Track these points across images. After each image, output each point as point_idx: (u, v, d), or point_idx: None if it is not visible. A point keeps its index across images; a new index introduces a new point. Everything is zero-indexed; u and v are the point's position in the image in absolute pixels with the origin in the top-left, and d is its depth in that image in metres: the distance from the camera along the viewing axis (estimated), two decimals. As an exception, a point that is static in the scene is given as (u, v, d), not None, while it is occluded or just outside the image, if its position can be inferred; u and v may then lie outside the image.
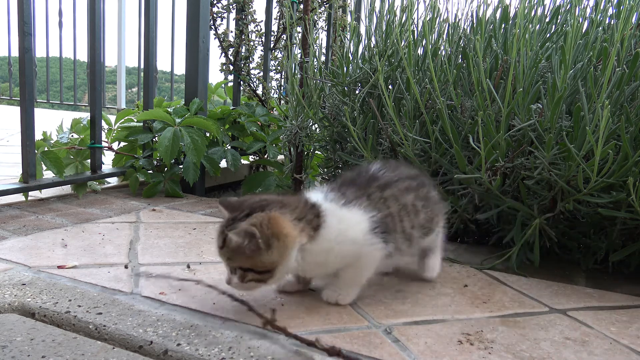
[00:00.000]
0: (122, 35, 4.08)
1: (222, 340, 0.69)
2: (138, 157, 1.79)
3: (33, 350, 0.64)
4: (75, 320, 0.73)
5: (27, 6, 1.37)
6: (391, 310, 0.84)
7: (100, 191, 1.71)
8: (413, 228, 0.87)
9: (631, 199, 0.95)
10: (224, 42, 2.17)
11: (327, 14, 2.32)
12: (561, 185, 1.04)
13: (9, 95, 4.97)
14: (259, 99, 2.27)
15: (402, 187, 0.88)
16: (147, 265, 0.99)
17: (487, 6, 1.39)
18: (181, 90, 1.98)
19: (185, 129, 1.69)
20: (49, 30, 4.17)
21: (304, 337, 0.69)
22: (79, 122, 1.74)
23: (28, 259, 0.98)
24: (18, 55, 1.38)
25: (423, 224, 0.90)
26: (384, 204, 0.84)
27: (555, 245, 1.16)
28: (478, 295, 0.95)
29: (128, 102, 4.24)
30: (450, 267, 1.12)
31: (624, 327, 0.84)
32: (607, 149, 0.94)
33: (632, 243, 1.08)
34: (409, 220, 0.87)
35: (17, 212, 1.37)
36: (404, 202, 0.87)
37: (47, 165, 1.48)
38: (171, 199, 1.69)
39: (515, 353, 0.71)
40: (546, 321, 0.84)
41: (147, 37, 1.80)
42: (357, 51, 1.51)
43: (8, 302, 0.77)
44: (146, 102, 1.85)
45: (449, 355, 0.69)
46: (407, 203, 0.87)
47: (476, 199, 1.18)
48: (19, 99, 1.40)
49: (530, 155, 1.12)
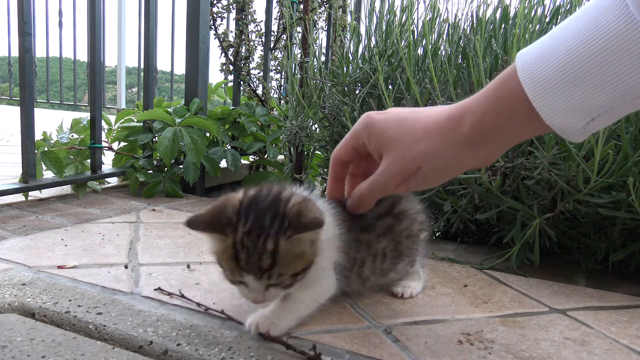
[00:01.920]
0: (122, 35, 4.08)
1: (222, 341, 0.69)
2: (138, 157, 1.79)
3: (33, 350, 0.64)
4: (75, 320, 0.73)
5: (27, 6, 1.37)
6: (391, 310, 0.84)
7: (100, 191, 1.71)
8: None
9: (631, 199, 0.96)
10: (224, 42, 2.17)
11: (327, 14, 2.32)
12: (561, 185, 1.04)
13: (9, 95, 4.97)
14: (259, 99, 2.27)
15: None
16: (147, 265, 0.99)
17: (487, 6, 1.39)
18: (181, 90, 1.98)
19: (185, 129, 1.69)
20: (49, 30, 4.17)
21: (303, 338, 0.69)
22: (79, 122, 1.74)
23: (28, 259, 0.98)
24: (18, 55, 1.38)
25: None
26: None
27: (555, 245, 1.16)
28: (478, 295, 0.95)
29: (128, 102, 4.24)
30: (450, 267, 1.12)
31: (624, 327, 0.84)
32: (607, 149, 0.94)
33: (632, 243, 1.08)
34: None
35: (17, 212, 1.37)
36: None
37: (47, 165, 1.48)
38: (171, 199, 1.69)
39: (515, 353, 0.71)
40: (546, 321, 0.84)
41: (147, 37, 1.80)
42: (357, 51, 1.51)
43: (8, 302, 0.77)
44: (146, 102, 1.85)
45: (449, 355, 0.69)
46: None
47: (476, 199, 1.18)
48: (19, 99, 1.40)
49: (530, 155, 1.12)
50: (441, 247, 1.27)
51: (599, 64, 0.45)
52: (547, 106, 0.48)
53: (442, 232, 1.44)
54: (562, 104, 0.47)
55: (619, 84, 0.45)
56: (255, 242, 0.62)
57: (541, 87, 0.48)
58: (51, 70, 5.00)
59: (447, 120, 0.59)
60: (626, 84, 0.44)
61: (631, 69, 0.43)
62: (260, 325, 0.68)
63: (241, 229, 0.63)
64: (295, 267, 0.64)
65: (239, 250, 0.62)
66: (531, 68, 0.49)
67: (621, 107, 0.46)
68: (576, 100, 0.47)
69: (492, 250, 1.25)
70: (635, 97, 0.45)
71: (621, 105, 0.46)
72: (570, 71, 0.46)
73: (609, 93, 0.45)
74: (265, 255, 0.61)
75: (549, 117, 0.48)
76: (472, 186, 1.17)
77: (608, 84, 0.45)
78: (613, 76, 0.45)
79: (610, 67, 0.44)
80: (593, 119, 0.47)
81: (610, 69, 0.44)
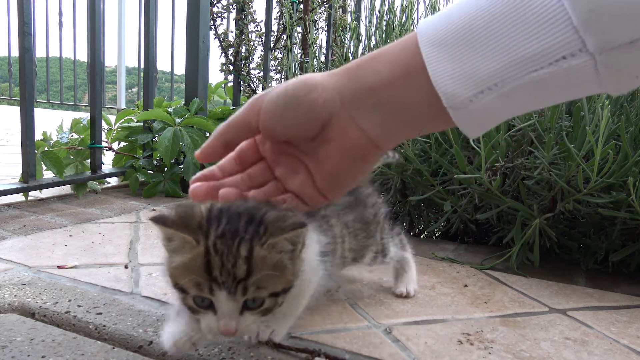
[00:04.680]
0: (122, 35, 4.08)
1: (222, 340, 0.69)
2: (138, 157, 1.79)
3: (33, 350, 0.64)
4: (75, 320, 0.73)
5: (27, 6, 1.37)
6: (391, 310, 0.84)
7: (100, 191, 1.71)
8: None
9: (631, 199, 0.96)
10: (224, 42, 2.17)
11: (327, 14, 2.32)
12: (561, 185, 1.04)
13: (9, 95, 4.98)
14: (259, 99, 2.26)
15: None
16: (147, 265, 0.99)
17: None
18: (181, 90, 1.98)
19: (185, 129, 1.69)
20: (49, 30, 4.17)
21: (303, 337, 0.69)
22: (79, 122, 1.74)
23: (28, 259, 0.98)
24: (18, 55, 1.38)
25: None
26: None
27: (555, 245, 1.16)
28: (478, 295, 0.95)
29: (128, 102, 4.24)
30: (450, 267, 1.12)
31: (624, 327, 0.84)
32: (607, 149, 0.94)
33: (632, 243, 1.08)
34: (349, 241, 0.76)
35: (17, 212, 1.37)
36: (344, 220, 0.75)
37: (47, 165, 1.48)
38: (171, 199, 1.69)
39: (515, 353, 0.71)
40: (546, 321, 0.84)
41: (147, 37, 1.80)
42: (357, 51, 1.51)
43: (8, 302, 0.77)
44: (146, 102, 1.85)
45: (449, 355, 0.69)
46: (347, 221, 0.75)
47: (476, 199, 1.18)
48: (19, 99, 1.40)
49: (530, 155, 1.12)
50: (441, 247, 1.27)
51: (494, 29, 0.43)
52: (437, 68, 0.45)
53: (442, 232, 1.44)
54: (452, 68, 0.45)
55: (510, 52, 0.42)
56: (230, 245, 0.52)
57: (436, 48, 0.45)
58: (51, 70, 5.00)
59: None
60: (517, 53, 0.42)
61: (522, 37, 0.42)
62: (261, 334, 0.62)
63: (214, 233, 0.53)
64: (274, 284, 0.54)
65: (212, 257, 0.52)
66: (429, 29, 0.47)
67: (515, 82, 0.43)
68: (467, 65, 0.44)
69: (492, 250, 1.25)
70: (529, 71, 0.42)
71: (514, 80, 0.43)
72: (465, 34, 0.44)
73: (499, 62, 0.43)
74: (240, 261, 0.52)
75: (438, 79, 0.45)
76: (472, 186, 1.17)
77: (499, 51, 0.43)
78: (505, 43, 0.42)
79: (503, 33, 0.42)
80: (482, 92, 0.44)
81: (504, 35, 0.42)
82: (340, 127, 0.52)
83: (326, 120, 0.52)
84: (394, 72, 0.49)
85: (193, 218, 0.54)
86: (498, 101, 0.45)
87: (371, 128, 0.51)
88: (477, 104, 0.45)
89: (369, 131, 0.51)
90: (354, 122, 0.51)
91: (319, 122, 0.52)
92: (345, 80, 0.51)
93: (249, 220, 0.54)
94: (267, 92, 0.54)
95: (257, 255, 0.52)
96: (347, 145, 0.52)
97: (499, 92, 0.44)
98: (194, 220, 0.54)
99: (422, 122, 0.50)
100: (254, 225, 0.53)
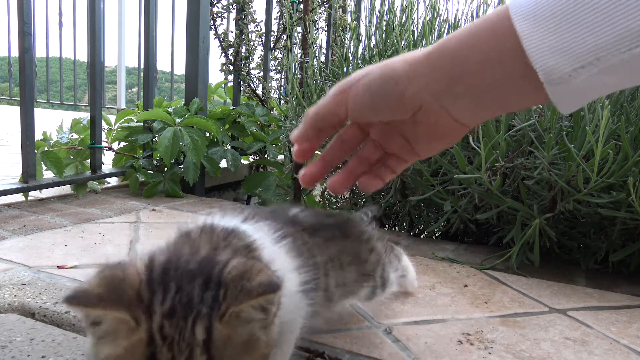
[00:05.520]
0: (122, 35, 4.08)
1: None
2: (138, 157, 1.79)
3: (33, 350, 0.64)
4: (75, 320, 0.73)
5: (27, 6, 1.37)
6: (391, 310, 0.84)
7: (100, 191, 1.71)
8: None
9: (631, 199, 0.96)
10: (224, 42, 2.17)
11: (327, 14, 2.32)
12: (561, 185, 1.04)
13: (9, 95, 4.97)
14: (259, 99, 2.27)
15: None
16: (147, 265, 0.99)
17: (487, 6, 1.39)
18: (181, 90, 1.98)
19: (185, 129, 1.69)
20: (49, 30, 4.17)
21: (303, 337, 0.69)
22: (79, 122, 1.74)
23: (28, 259, 0.98)
24: (18, 55, 1.38)
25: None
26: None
27: (555, 245, 1.16)
28: (478, 295, 0.95)
29: (128, 102, 4.24)
30: (450, 267, 1.12)
31: (624, 327, 0.84)
32: (607, 149, 0.94)
33: (632, 243, 1.08)
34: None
35: (17, 212, 1.37)
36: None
37: (47, 165, 1.48)
38: (171, 199, 1.69)
39: (515, 353, 0.71)
40: (546, 321, 0.84)
41: (147, 37, 1.80)
42: (357, 51, 1.51)
43: (8, 302, 0.77)
44: (146, 102, 1.85)
45: (449, 355, 0.69)
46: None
47: (476, 199, 1.18)
48: (19, 99, 1.40)
49: (530, 155, 1.12)
50: (441, 247, 1.27)
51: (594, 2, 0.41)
52: (535, 42, 0.44)
53: (442, 232, 1.44)
54: (552, 40, 0.43)
55: (611, 26, 0.41)
56: (182, 327, 0.39)
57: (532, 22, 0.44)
58: (51, 70, 4.99)
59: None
60: (619, 27, 0.41)
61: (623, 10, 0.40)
62: None
63: (159, 309, 0.39)
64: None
65: (158, 348, 0.38)
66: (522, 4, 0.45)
67: (615, 59, 0.42)
68: (568, 37, 0.43)
69: (492, 250, 1.25)
70: (631, 47, 0.41)
71: (613, 55, 0.42)
72: (562, 7, 0.43)
73: (599, 37, 0.42)
74: (198, 351, 0.38)
75: (535, 53, 0.44)
76: (472, 186, 1.17)
77: (600, 25, 0.42)
78: (605, 17, 0.41)
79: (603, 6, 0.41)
80: (582, 67, 0.43)
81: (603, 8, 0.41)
82: (430, 114, 0.53)
83: (416, 109, 0.53)
84: (482, 54, 0.47)
85: (128, 285, 0.41)
86: (597, 77, 0.43)
87: (460, 114, 0.52)
88: (576, 79, 0.44)
89: (458, 117, 0.53)
90: (444, 111, 0.52)
91: (408, 112, 0.53)
92: (429, 70, 0.51)
93: (205, 282, 0.41)
94: (349, 84, 0.55)
95: (218, 336, 0.39)
96: (438, 129, 0.54)
97: (600, 67, 0.43)
98: (129, 288, 0.40)
99: (512, 102, 0.50)
100: (212, 290, 0.41)
